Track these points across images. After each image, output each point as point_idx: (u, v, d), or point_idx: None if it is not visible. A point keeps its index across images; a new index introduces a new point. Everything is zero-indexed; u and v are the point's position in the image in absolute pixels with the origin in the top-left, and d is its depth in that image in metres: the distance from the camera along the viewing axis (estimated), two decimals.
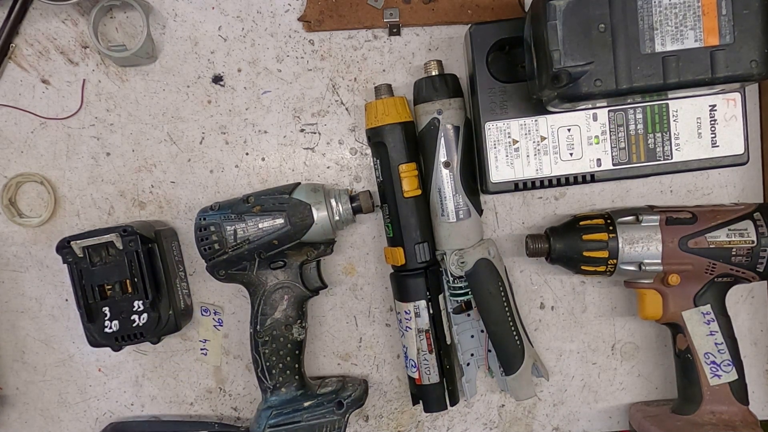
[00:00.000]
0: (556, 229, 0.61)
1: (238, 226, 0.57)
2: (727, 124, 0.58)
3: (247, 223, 0.57)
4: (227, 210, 0.58)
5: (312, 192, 0.59)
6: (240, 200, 0.59)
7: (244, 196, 0.59)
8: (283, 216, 0.58)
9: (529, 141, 0.59)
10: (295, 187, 0.60)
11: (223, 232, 0.58)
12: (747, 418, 0.58)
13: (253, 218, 0.58)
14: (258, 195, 0.59)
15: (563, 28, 0.47)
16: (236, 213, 0.58)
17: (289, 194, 0.59)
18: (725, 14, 0.47)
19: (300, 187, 0.60)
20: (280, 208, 0.58)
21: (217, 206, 0.59)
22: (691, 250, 0.58)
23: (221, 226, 0.58)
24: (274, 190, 0.60)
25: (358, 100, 0.64)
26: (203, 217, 0.58)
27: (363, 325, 0.67)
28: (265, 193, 0.59)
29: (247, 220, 0.57)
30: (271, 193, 0.59)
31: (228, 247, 0.58)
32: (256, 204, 0.58)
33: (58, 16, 0.63)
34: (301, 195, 0.59)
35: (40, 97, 0.64)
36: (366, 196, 0.60)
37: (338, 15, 0.63)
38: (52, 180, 0.64)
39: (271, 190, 0.60)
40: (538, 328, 0.67)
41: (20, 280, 0.66)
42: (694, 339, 0.59)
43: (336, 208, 0.59)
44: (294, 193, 0.59)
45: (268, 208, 0.58)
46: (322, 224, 0.59)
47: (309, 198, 0.59)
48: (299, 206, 0.58)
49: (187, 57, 0.64)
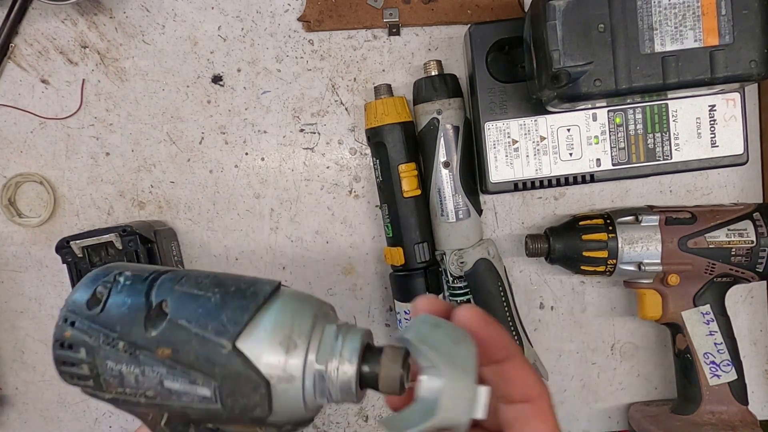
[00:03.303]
0: (556, 229, 0.61)
1: (127, 368, 0.30)
2: (726, 124, 0.58)
3: (144, 369, 0.30)
4: (114, 327, 0.30)
5: (288, 325, 0.29)
6: (141, 311, 0.30)
7: (152, 309, 0.30)
8: (209, 386, 0.29)
9: (529, 141, 0.59)
10: (263, 305, 0.29)
11: (99, 364, 0.31)
12: (746, 418, 0.59)
13: (156, 367, 0.30)
14: (177, 314, 0.30)
15: (563, 28, 0.47)
16: (127, 342, 0.30)
17: (232, 342, 0.28)
18: (725, 14, 0.47)
19: (272, 309, 0.29)
20: (207, 371, 0.29)
21: (101, 300, 0.31)
22: (690, 250, 0.58)
23: (95, 354, 0.31)
24: (218, 306, 0.30)
25: (357, 100, 0.64)
26: (71, 320, 0.32)
27: (362, 325, 0.66)
28: (195, 316, 0.29)
29: (144, 364, 0.30)
30: (206, 317, 0.29)
31: (108, 390, 0.31)
32: (163, 344, 0.29)
33: (57, 16, 0.63)
34: (261, 334, 0.29)
35: (40, 97, 0.64)
36: (392, 366, 0.29)
37: (338, 15, 0.63)
38: (52, 180, 0.64)
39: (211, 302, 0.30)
40: (537, 328, 0.67)
41: (20, 280, 0.66)
42: (693, 339, 0.59)
43: (328, 373, 0.29)
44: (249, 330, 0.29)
45: (185, 362, 0.29)
46: (289, 405, 0.29)
47: (274, 346, 0.28)
48: (241, 380, 0.28)
49: (186, 57, 0.64)
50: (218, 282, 0.31)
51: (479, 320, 0.29)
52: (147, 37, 0.63)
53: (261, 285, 0.30)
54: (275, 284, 0.31)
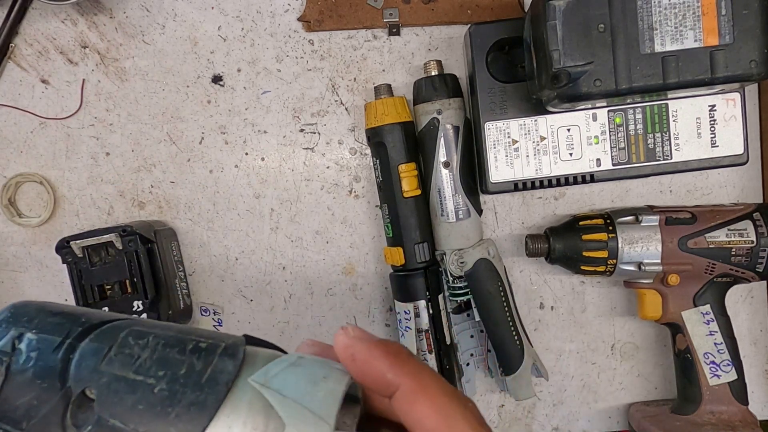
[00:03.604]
0: (556, 229, 0.61)
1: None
2: (726, 124, 0.58)
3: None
4: (19, 424, 0.21)
5: (262, 426, 0.21)
6: (57, 406, 0.21)
7: (72, 401, 0.22)
8: None
9: (529, 141, 0.59)
10: (226, 397, 0.22)
11: None
12: (746, 418, 0.58)
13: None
14: (107, 410, 0.21)
15: (563, 28, 0.47)
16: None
17: None
18: (725, 14, 0.47)
19: (238, 401, 0.22)
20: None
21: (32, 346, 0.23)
22: (690, 250, 0.58)
23: None
24: (164, 401, 0.21)
25: (357, 100, 0.64)
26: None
27: (363, 325, 0.67)
28: (132, 417, 0.21)
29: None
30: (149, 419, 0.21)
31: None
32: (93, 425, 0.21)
33: (57, 16, 0.63)
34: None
35: (40, 97, 0.64)
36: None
37: (338, 15, 0.63)
38: (52, 180, 0.64)
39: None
40: (537, 328, 0.67)
41: (20, 280, 0.66)
42: (693, 339, 0.59)
43: None
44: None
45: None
46: None
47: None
48: None
49: (186, 57, 0.64)
50: (162, 358, 0.22)
51: (345, 349, 0.23)
52: (147, 37, 0.63)
53: (221, 363, 0.22)
54: (240, 359, 0.22)
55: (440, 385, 0.23)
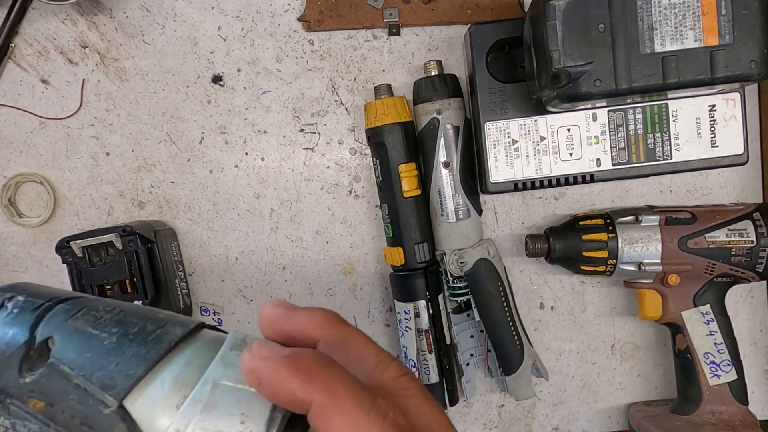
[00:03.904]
0: (556, 229, 0.61)
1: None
2: (726, 124, 0.58)
3: (14, 423, 0.24)
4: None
5: (192, 383, 0.23)
6: (20, 349, 0.25)
7: (34, 348, 0.25)
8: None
9: (529, 141, 0.59)
10: (166, 354, 0.24)
11: None
12: (746, 418, 0.59)
13: (28, 422, 0.24)
14: (61, 357, 0.24)
15: (563, 28, 0.47)
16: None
17: (118, 400, 0.23)
18: (725, 14, 0.47)
19: (177, 361, 0.24)
20: (85, 426, 0.23)
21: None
22: (690, 250, 0.58)
23: None
24: (111, 351, 0.24)
25: (357, 100, 0.64)
26: None
27: (363, 325, 0.67)
28: (81, 362, 0.24)
29: (15, 416, 0.24)
30: (94, 364, 0.24)
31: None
32: (37, 395, 0.24)
33: (57, 16, 0.63)
34: (156, 393, 0.23)
35: (40, 97, 0.64)
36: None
37: (338, 15, 0.63)
38: (52, 180, 0.64)
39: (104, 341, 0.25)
40: (537, 328, 0.67)
41: (19, 280, 0.65)
42: (693, 339, 0.59)
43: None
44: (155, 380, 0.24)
45: (59, 420, 0.24)
46: None
47: (171, 408, 0.23)
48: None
49: (186, 57, 0.64)
50: (121, 319, 0.25)
51: (250, 374, 0.22)
52: (147, 37, 0.63)
53: (171, 327, 0.25)
54: (189, 327, 0.25)
55: (355, 397, 0.22)
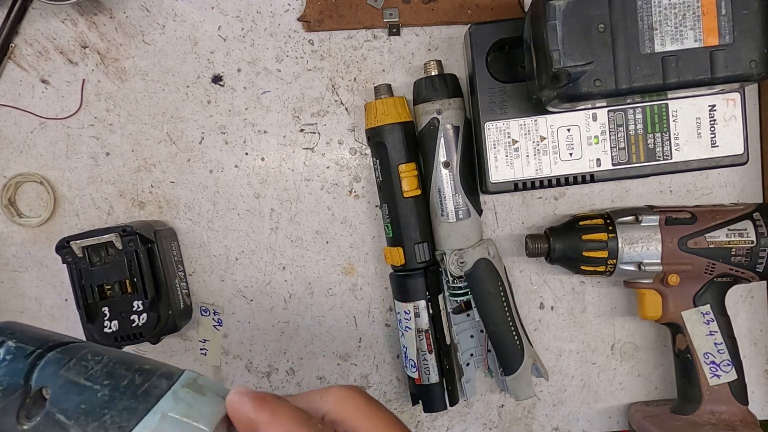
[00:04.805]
0: (556, 229, 0.61)
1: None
2: (726, 124, 0.58)
3: None
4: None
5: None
6: (17, 398, 0.26)
7: (30, 396, 0.27)
8: None
9: (529, 141, 0.59)
10: (155, 406, 0.26)
11: None
12: (746, 418, 0.59)
13: None
14: (57, 406, 0.26)
15: (563, 28, 0.47)
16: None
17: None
18: (725, 14, 0.47)
19: (165, 411, 0.26)
20: None
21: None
22: (690, 250, 0.58)
23: None
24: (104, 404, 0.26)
25: (357, 100, 0.64)
26: None
27: (362, 325, 0.67)
28: (76, 413, 0.26)
29: None
30: (88, 415, 0.26)
31: None
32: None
33: (57, 16, 0.63)
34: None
35: (40, 97, 0.64)
36: None
37: (338, 15, 0.63)
38: (52, 180, 0.64)
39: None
40: (537, 328, 0.67)
41: (20, 280, 0.66)
42: (693, 339, 0.59)
43: None
44: None
45: None
46: None
47: None
48: None
49: (186, 57, 0.64)
50: (111, 371, 0.27)
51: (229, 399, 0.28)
52: (147, 37, 0.63)
53: (157, 380, 0.27)
54: (174, 378, 0.27)
55: (292, 415, 0.27)
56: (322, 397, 0.29)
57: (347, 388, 0.30)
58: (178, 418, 0.26)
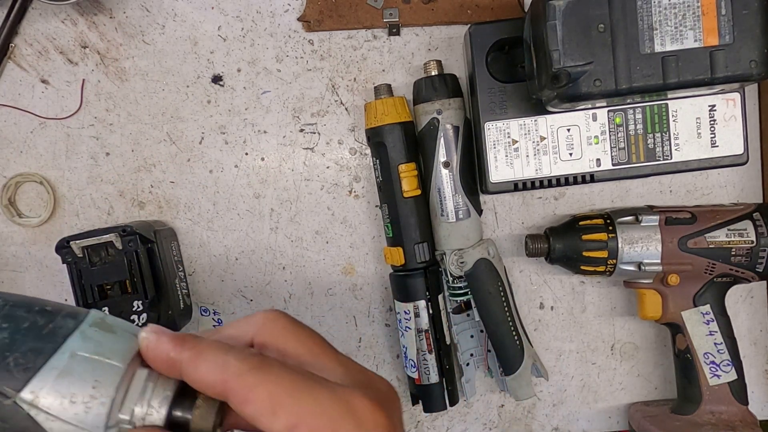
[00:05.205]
0: (556, 229, 0.61)
1: None
2: (726, 124, 0.58)
3: None
4: None
5: (90, 371, 0.26)
6: None
7: None
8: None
9: (529, 141, 0.59)
10: (62, 345, 0.26)
11: None
12: (746, 418, 0.59)
13: None
14: None
15: (563, 28, 0.47)
16: None
17: (17, 392, 0.25)
18: (725, 14, 0.47)
19: (73, 351, 0.26)
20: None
21: None
22: (690, 250, 0.58)
23: None
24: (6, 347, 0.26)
25: (357, 100, 0.64)
26: None
27: (362, 325, 0.67)
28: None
29: None
30: None
31: None
32: None
33: (57, 16, 0.63)
34: (55, 383, 0.25)
35: (40, 97, 0.64)
36: (203, 418, 0.27)
37: (338, 15, 0.63)
38: (52, 180, 0.64)
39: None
40: (537, 328, 0.67)
41: (20, 280, 0.66)
42: (693, 339, 0.59)
43: (133, 423, 0.26)
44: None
45: None
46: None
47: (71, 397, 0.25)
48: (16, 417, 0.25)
49: (186, 57, 0.64)
50: (9, 314, 0.26)
51: (142, 336, 0.27)
52: (147, 37, 0.63)
53: (62, 320, 0.26)
54: (81, 318, 0.27)
55: (218, 347, 0.27)
56: (247, 323, 0.29)
57: (271, 311, 0.29)
58: (88, 356, 0.26)
